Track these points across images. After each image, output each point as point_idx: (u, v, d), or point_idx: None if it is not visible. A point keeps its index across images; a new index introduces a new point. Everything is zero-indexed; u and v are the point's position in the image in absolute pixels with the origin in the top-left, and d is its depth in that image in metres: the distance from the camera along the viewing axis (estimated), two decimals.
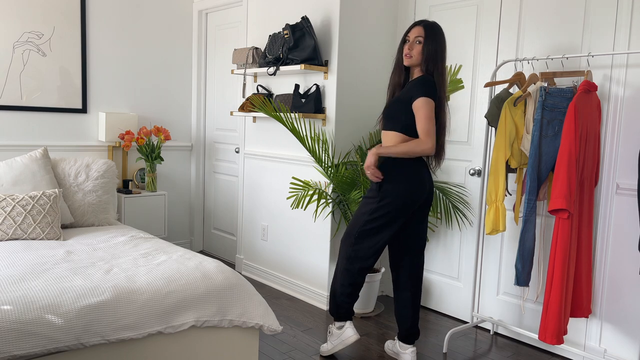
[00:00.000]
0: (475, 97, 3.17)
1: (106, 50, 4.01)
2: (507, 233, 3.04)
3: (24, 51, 3.63)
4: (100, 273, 2.24)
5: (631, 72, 2.52)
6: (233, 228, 4.38)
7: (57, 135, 3.83)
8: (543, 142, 2.49)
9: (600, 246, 2.66)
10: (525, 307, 2.98)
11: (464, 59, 3.19)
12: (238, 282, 2.34)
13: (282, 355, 2.73)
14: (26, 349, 1.82)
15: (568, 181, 2.34)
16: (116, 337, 2.00)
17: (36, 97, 3.71)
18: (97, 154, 4.01)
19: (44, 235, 2.83)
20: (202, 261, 2.46)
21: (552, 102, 2.48)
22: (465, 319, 3.28)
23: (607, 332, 2.66)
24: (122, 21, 4.07)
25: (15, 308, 1.87)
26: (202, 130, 4.60)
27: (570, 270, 2.44)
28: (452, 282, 3.37)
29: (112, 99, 4.08)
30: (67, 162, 3.37)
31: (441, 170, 3.36)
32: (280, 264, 3.80)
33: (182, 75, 4.47)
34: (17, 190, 3.02)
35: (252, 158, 3.98)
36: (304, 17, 3.31)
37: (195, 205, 4.67)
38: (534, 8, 2.86)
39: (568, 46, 2.73)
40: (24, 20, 3.60)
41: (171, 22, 4.35)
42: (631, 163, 2.54)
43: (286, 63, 3.40)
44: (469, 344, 2.98)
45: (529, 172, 2.50)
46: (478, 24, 3.12)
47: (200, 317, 2.20)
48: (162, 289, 2.16)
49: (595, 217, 2.65)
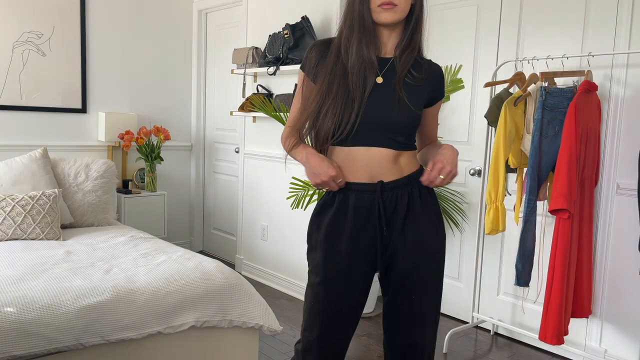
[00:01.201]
0: (475, 97, 3.16)
1: (106, 50, 4.01)
2: (507, 233, 3.04)
3: (24, 51, 3.63)
4: (100, 273, 2.23)
5: (631, 72, 2.52)
6: (233, 228, 4.38)
7: (57, 135, 3.83)
8: (543, 142, 2.49)
9: (600, 246, 2.66)
10: (525, 307, 2.98)
11: (464, 59, 3.19)
12: (238, 282, 2.34)
13: (282, 355, 2.73)
14: (26, 349, 1.82)
15: (568, 181, 2.34)
16: (116, 338, 1.99)
17: (36, 97, 3.71)
18: (96, 154, 4.00)
19: (43, 235, 2.83)
20: (201, 261, 2.45)
21: (552, 102, 2.48)
22: (466, 319, 3.28)
23: (608, 332, 2.66)
24: (122, 21, 4.07)
25: (15, 308, 1.87)
26: (202, 130, 4.60)
27: (570, 270, 2.44)
28: (452, 282, 3.36)
29: (111, 98, 4.07)
30: (66, 162, 3.37)
31: None
32: (280, 264, 3.79)
33: (182, 75, 4.47)
34: (17, 190, 3.01)
35: (252, 158, 3.98)
36: (304, 17, 3.31)
37: (195, 205, 4.67)
38: (534, 8, 2.85)
39: (568, 46, 2.73)
40: (23, 20, 3.60)
41: (171, 22, 4.35)
42: (631, 163, 2.54)
43: (286, 63, 3.40)
44: (469, 344, 2.98)
45: (529, 172, 2.50)
46: (478, 24, 3.12)
47: (200, 317, 2.20)
48: (161, 289, 2.16)
49: (595, 217, 2.65)
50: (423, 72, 1.50)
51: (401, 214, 1.48)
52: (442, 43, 3.29)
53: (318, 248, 1.52)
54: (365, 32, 1.44)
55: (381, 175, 1.47)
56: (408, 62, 1.48)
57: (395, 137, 1.47)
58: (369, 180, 1.47)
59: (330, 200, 1.52)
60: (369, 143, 1.46)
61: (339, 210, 1.49)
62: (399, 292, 1.53)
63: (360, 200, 1.47)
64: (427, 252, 1.51)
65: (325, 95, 1.44)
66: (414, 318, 1.53)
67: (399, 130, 1.47)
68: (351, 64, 1.45)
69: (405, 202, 1.48)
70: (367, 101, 1.44)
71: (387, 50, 1.50)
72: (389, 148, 1.47)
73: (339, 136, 1.44)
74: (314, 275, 1.53)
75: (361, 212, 1.47)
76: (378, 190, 1.46)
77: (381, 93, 1.46)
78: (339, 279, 1.50)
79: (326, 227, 1.50)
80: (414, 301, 1.51)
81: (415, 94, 1.49)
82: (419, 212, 1.50)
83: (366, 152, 1.46)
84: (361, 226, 1.48)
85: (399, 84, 1.46)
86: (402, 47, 1.48)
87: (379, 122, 1.45)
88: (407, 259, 1.49)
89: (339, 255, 1.49)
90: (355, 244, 1.48)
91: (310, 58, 1.52)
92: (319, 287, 1.51)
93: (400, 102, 1.45)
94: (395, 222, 1.48)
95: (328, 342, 1.53)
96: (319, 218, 1.54)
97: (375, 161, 1.47)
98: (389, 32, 1.48)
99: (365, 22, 1.43)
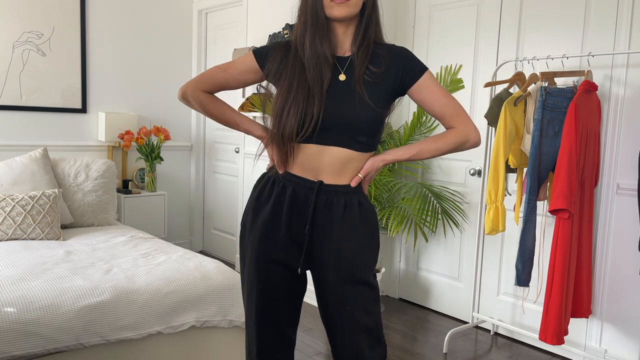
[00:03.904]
0: (475, 97, 3.16)
1: (106, 50, 4.01)
2: (507, 233, 3.04)
3: (24, 51, 3.63)
4: (100, 273, 2.23)
5: (631, 72, 2.52)
6: (233, 228, 4.38)
7: (57, 135, 3.83)
8: (543, 142, 2.49)
9: (600, 246, 2.66)
10: (525, 307, 2.98)
11: (464, 59, 3.19)
12: (238, 282, 2.34)
13: None
14: (26, 349, 1.82)
15: (568, 181, 2.34)
16: (116, 338, 1.99)
17: (36, 97, 3.71)
18: (96, 154, 4.00)
19: (43, 235, 2.83)
20: (202, 261, 2.45)
21: (552, 102, 2.48)
22: (466, 319, 3.28)
23: (608, 332, 2.66)
24: (122, 21, 4.07)
25: (15, 308, 1.87)
26: (201, 130, 4.60)
27: (570, 270, 2.44)
28: (452, 282, 3.36)
29: (111, 98, 4.07)
30: (66, 162, 3.37)
31: (441, 170, 3.35)
32: None
33: (182, 75, 4.47)
34: (17, 190, 3.01)
35: (252, 158, 3.98)
36: None
37: (195, 205, 4.67)
38: (534, 8, 2.85)
39: (568, 46, 2.73)
40: (23, 20, 3.60)
41: (171, 21, 4.35)
42: (631, 163, 2.54)
43: None
44: (469, 344, 2.98)
45: (529, 172, 2.50)
46: (478, 23, 3.12)
47: (200, 317, 2.20)
48: (161, 289, 2.16)
49: (595, 217, 2.65)
50: (382, 65, 1.46)
51: (334, 221, 1.47)
52: (442, 43, 3.29)
53: (253, 230, 1.52)
54: (318, 27, 1.42)
55: (324, 176, 1.47)
56: (364, 58, 1.45)
57: (356, 137, 1.45)
58: (312, 177, 1.47)
59: (270, 187, 1.52)
60: (328, 142, 1.44)
61: (276, 198, 1.49)
62: (322, 301, 1.53)
63: (296, 194, 1.47)
64: (349, 267, 1.48)
65: (286, 93, 1.44)
66: (340, 329, 1.50)
67: (361, 129, 1.44)
68: (307, 59, 1.44)
69: (340, 211, 1.47)
70: (328, 99, 1.42)
71: (345, 48, 1.48)
72: (347, 149, 1.45)
73: (304, 134, 1.43)
74: (247, 259, 1.54)
75: (295, 205, 1.48)
76: (315, 189, 1.46)
77: (343, 92, 1.44)
78: (268, 263, 1.50)
79: (266, 213, 1.50)
80: (334, 314, 1.50)
81: (376, 91, 1.46)
82: (353, 225, 1.48)
83: (322, 150, 1.45)
84: (292, 218, 1.48)
85: (359, 82, 1.44)
86: (357, 43, 1.46)
87: (340, 122, 1.43)
88: (328, 268, 1.48)
89: (275, 237, 1.49)
90: (288, 231, 1.48)
91: (275, 59, 1.50)
92: (250, 274, 1.52)
93: (361, 101, 1.43)
94: (324, 228, 1.47)
95: (267, 338, 1.54)
96: (256, 204, 1.53)
97: (326, 160, 1.46)
98: (344, 29, 1.46)
99: (318, 17, 1.42)
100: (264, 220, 1.50)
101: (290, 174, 1.49)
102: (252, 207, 1.55)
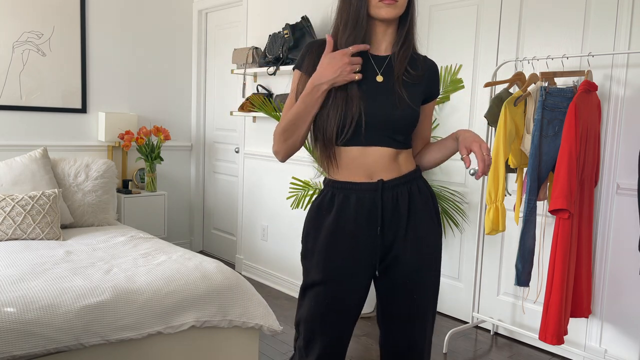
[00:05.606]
0: (475, 97, 3.16)
1: (106, 50, 4.01)
2: (507, 233, 3.04)
3: (24, 51, 3.63)
4: (100, 273, 2.23)
5: (631, 72, 2.52)
6: (233, 228, 4.38)
7: (57, 135, 3.83)
8: (543, 142, 2.49)
9: (600, 246, 2.66)
10: (525, 307, 2.98)
11: (464, 59, 3.19)
12: (238, 283, 2.34)
13: (282, 355, 2.73)
14: (26, 349, 1.82)
15: (568, 181, 2.34)
16: (116, 338, 1.99)
17: (36, 97, 3.71)
18: (96, 154, 4.00)
19: (43, 235, 2.83)
20: (202, 261, 2.45)
21: (552, 102, 2.48)
22: (466, 319, 3.28)
23: (608, 332, 2.66)
24: (122, 21, 4.07)
25: (15, 308, 1.87)
26: (201, 130, 4.60)
27: (570, 270, 2.44)
28: (452, 282, 3.36)
29: (111, 99, 4.07)
30: (66, 162, 3.37)
31: (441, 170, 3.35)
32: (280, 264, 3.79)
33: (182, 75, 4.47)
34: (17, 190, 3.01)
35: (252, 158, 3.98)
36: (304, 16, 3.31)
37: (195, 205, 4.67)
38: (534, 8, 2.85)
39: (568, 46, 2.73)
40: (23, 20, 3.60)
41: (171, 21, 4.35)
42: (631, 163, 2.54)
43: (286, 63, 3.40)
44: (469, 344, 2.98)
45: (529, 172, 2.50)
46: (478, 23, 3.12)
47: (200, 317, 2.20)
48: (161, 289, 2.16)
49: (595, 217, 2.65)
50: (420, 69, 1.49)
51: (403, 213, 1.47)
52: (442, 43, 3.29)
53: (318, 249, 1.50)
54: (359, 29, 1.41)
55: (380, 174, 1.47)
56: (405, 59, 1.47)
57: (394, 136, 1.46)
58: (368, 179, 1.46)
59: (329, 201, 1.50)
60: (369, 143, 1.45)
61: (340, 211, 1.48)
62: (399, 291, 1.51)
63: (361, 200, 1.46)
64: (429, 251, 1.52)
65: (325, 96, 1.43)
66: (415, 318, 1.52)
67: (399, 129, 1.46)
68: None
69: (405, 200, 1.48)
70: (367, 100, 1.42)
71: (382, 48, 1.48)
72: (388, 147, 1.46)
73: (345, 136, 1.43)
74: (315, 275, 1.51)
75: (362, 212, 1.46)
76: (379, 189, 1.45)
77: (381, 92, 1.44)
78: (341, 278, 1.48)
79: (328, 227, 1.48)
80: (415, 301, 1.51)
81: (414, 92, 1.48)
82: (420, 210, 1.50)
83: (365, 151, 1.45)
84: (363, 226, 1.47)
85: (399, 82, 1.45)
86: (399, 44, 1.47)
87: (380, 122, 1.43)
88: (409, 259, 1.49)
89: (341, 256, 1.48)
90: (356, 244, 1.47)
91: (311, 59, 1.49)
92: (320, 287, 1.49)
93: (400, 101, 1.44)
94: (397, 222, 1.47)
95: (330, 342, 1.52)
96: (317, 219, 1.52)
97: (374, 160, 1.46)
98: (383, 29, 1.46)
99: (360, 18, 1.40)
100: (330, 235, 1.48)
101: (346, 182, 1.48)
102: (313, 227, 1.52)
